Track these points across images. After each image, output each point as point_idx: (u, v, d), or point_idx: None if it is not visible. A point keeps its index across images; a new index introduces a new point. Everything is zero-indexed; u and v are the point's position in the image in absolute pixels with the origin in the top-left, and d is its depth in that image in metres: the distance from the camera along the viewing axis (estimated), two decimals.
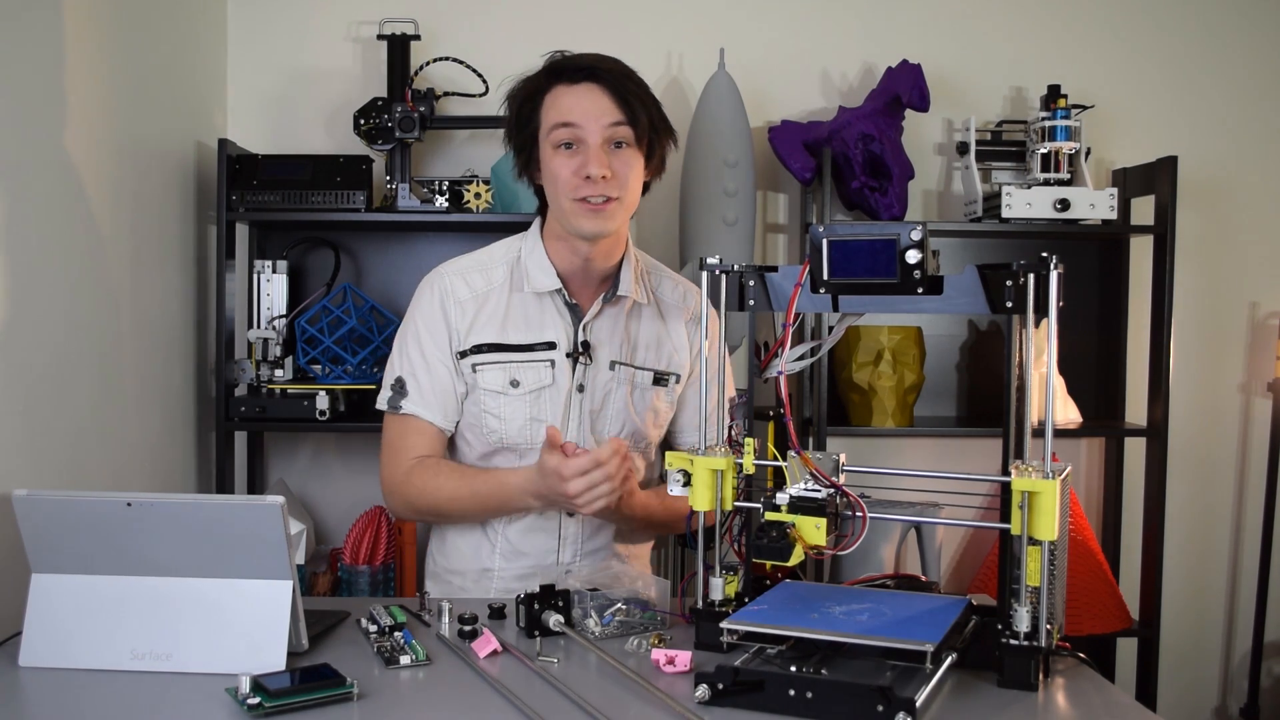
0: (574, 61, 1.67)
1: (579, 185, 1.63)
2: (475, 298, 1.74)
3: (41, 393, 1.77)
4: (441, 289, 1.75)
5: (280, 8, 2.73)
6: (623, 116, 1.64)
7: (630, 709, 1.17)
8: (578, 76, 1.65)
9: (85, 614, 1.31)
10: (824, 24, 2.80)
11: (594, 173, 1.62)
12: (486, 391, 1.72)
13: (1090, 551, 2.62)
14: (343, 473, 2.76)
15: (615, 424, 1.76)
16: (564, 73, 1.66)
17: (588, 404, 1.74)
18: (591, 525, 1.76)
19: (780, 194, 2.83)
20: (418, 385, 1.73)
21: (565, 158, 1.64)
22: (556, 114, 1.64)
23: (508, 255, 1.78)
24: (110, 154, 2.05)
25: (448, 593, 1.80)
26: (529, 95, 1.68)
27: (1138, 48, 2.84)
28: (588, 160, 1.62)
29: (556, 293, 1.74)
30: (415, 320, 1.76)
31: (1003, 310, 1.26)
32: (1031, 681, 1.22)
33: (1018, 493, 1.21)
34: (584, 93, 1.64)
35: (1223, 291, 2.87)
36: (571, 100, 1.64)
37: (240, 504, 1.32)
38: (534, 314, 1.74)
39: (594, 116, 1.63)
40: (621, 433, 1.76)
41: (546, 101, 1.66)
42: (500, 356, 1.72)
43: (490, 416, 1.73)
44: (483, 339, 1.72)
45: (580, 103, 1.64)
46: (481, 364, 1.72)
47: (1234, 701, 2.93)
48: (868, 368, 2.63)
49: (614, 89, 1.64)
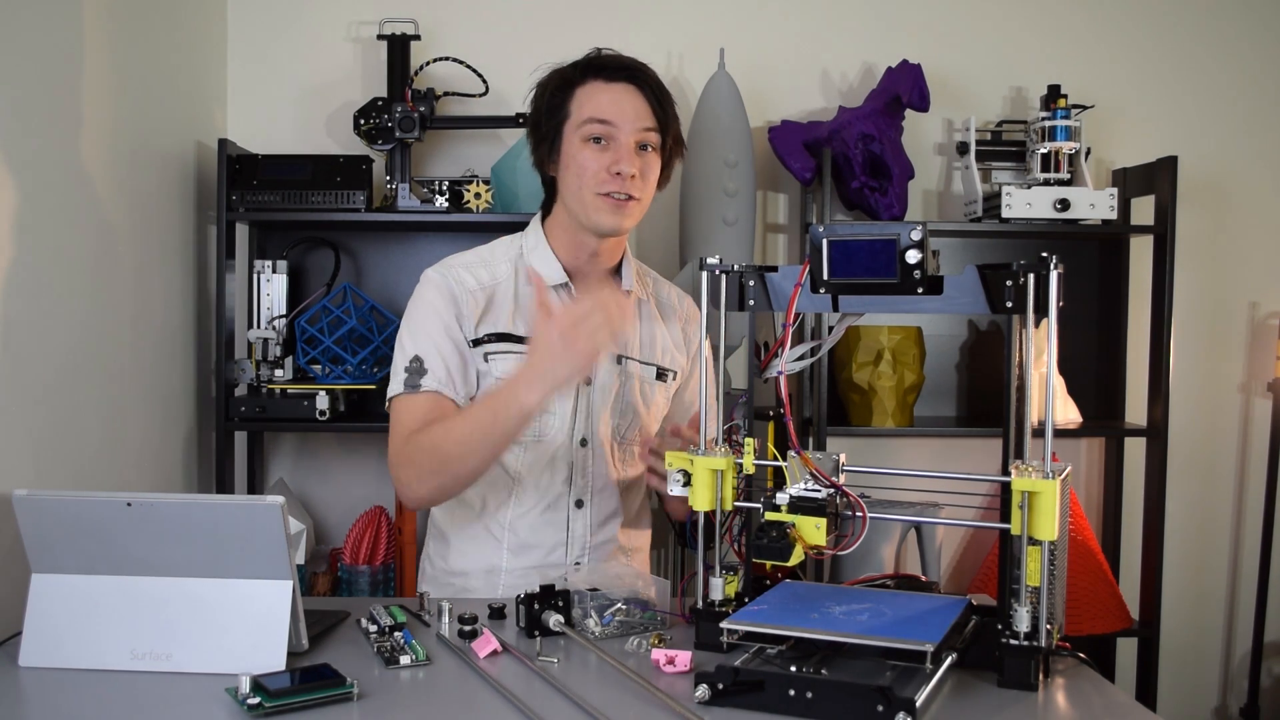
0: (614, 60, 1.70)
1: (607, 180, 1.65)
2: (483, 289, 1.73)
3: (41, 393, 1.77)
4: (449, 279, 1.72)
5: (280, 8, 2.73)
6: (655, 122, 1.68)
7: (630, 709, 1.17)
8: (617, 75, 1.68)
9: (85, 614, 1.31)
10: (824, 24, 2.80)
11: (625, 169, 1.64)
12: (499, 380, 1.69)
13: (1090, 551, 2.62)
14: (343, 473, 2.76)
15: (625, 417, 1.78)
16: (603, 69, 1.68)
17: (596, 397, 1.75)
18: (599, 517, 1.77)
19: (780, 194, 2.83)
20: (441, 360, 1.67)
21: (595, 151, 1.66)
22: (593, 108, 1.66)
23: (510, 252, 1.78)
24: (110, 154, 2.05)
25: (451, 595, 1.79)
26: (561, 85, 1.69)
27: (1138, 48, 2.84)
28: (620, 157, 1.65)
29: (563, 286, 1.74)
30: (426, 304, 1.71)
31: (1003, 310, 1.26)
32: (1031, 681, 1.22)
33: (1018, 493, 1.21)
34: (621, 92, 1.67)
35: (1223, 291, 2.87)
36: (609, 97, 1.66)
37: (240, 504, 1.32)
38: None
39: (630, 117, 1.66)
40: (629, 426, 1.78)
41: (580, 94, 1.68)
42: (512, 346, 1.71)
43: None
44: (494, 329, 1.72)
45: (619, 101, 1.66)
46: (494, 353, 1.71)
47: (1234, 701, 2.93)
48: (868, 368, 2.63)
49: (651, 93, 1.68)
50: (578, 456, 1.75)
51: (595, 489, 1.76)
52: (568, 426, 1.74)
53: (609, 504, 1.78)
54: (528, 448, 1.73)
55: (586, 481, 1.76)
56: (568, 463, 1.74)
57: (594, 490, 1.76)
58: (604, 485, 1.77)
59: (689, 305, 1.91)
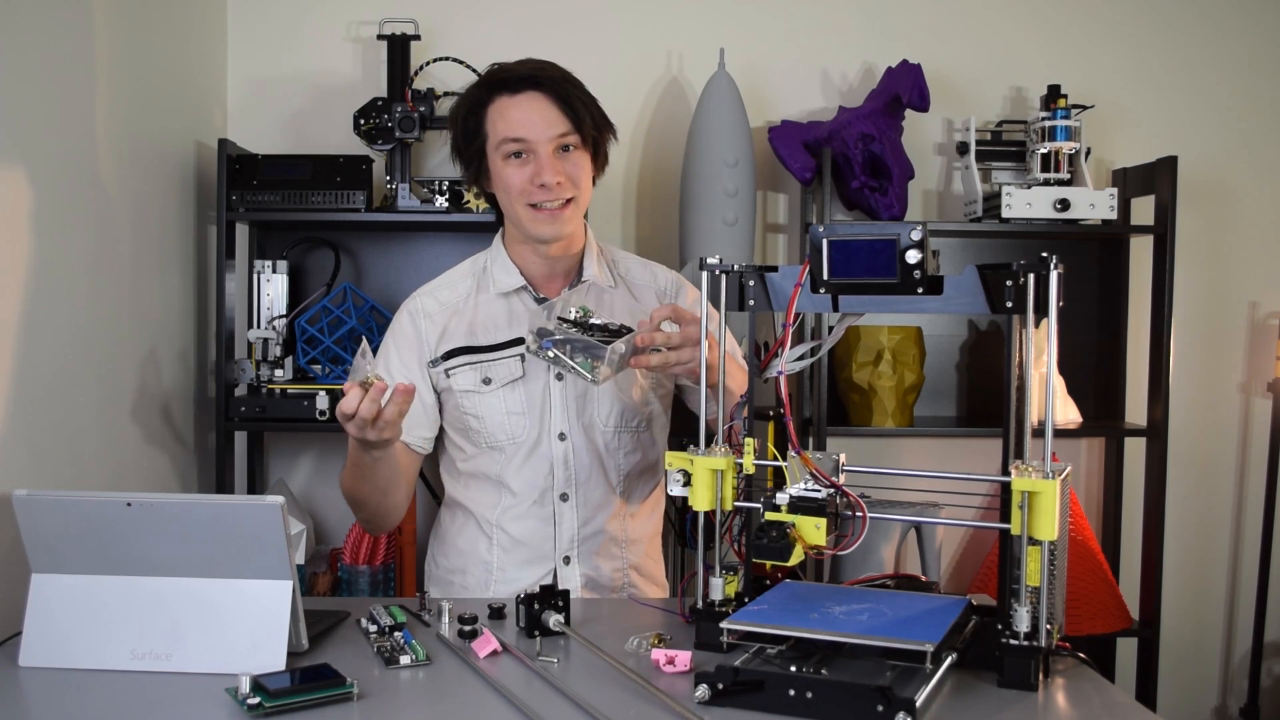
0: (513, 71, 1.70)
1: (532, 192, 1.68)
2: (444, 309, 1.81)
3: (41, 392, 1.77)
4: (412, 309, 1.83)
5: (280, 8, 2.73)
6: (569, 125, 1.68)
7: (630, 709, 1.17)
8: (519, 86, 1.68)
9: (85, 614, 1.31)
10: (824, 24, 2.80)
11: (548, 180, 1.66)
12: (462, 392, 1.77)
13: (1090, 551, 2.62)
14: None
15: (605, 405, 1.78)
16: (505, 84, 1.69)
17: (571, 390, 1.77)
18: (587, 511, 1.79)
19: (780, 194, 2.83)
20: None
21: (516, 167, 1.68)
22: (505, 126, 1.67)
23: (474, 268, 1.85)
24: (110, 154, 2.05)
25: (450, 594, 1.81)
26: (471, 109, 1.71)
27: (1138, 48, 2.84)
28: (540, 169, 1.66)
29: (523, 290, 1.79)
30: (387, 344, 1.83)
31: (1003, 310, 1.26)
32: (1031, 681, 1.22)
33: (1018, 493, 1.21)
34: (528, 103, 1.67)
35: (1223, 291, 2.87)
36: (518, 113, 1.67)
37: (240, 504, 1.32)
38: (501, 315, 1.79)
39: (541, 128, 1.67)
40: (610, 413, 1.78)
41: (491, 113, 1.69)
42: (471, 358, 1.77)
43: (469, 417, 1.77)
44: (453, 345, 1.78)
45: (527, 115, 1.67)
46: (454, 367, 1.78)
47: (1234, 701, 2.93)
48: (868, 368, 2.63)
49: (557, 96, 1.68)
50: (557, 451, 1.77)
51: (579, 481, 1.78)
52: (539, 423, 1.76)
53: (596, 496, 1.79)
54: (504, 449, 1.77)
55: (569, 474, 1.77)
56: (547, 458, 1.77)
57: (578, 483, 1.78)
58: (588, 477, 1.78)
59: (667, 278, 1.89)
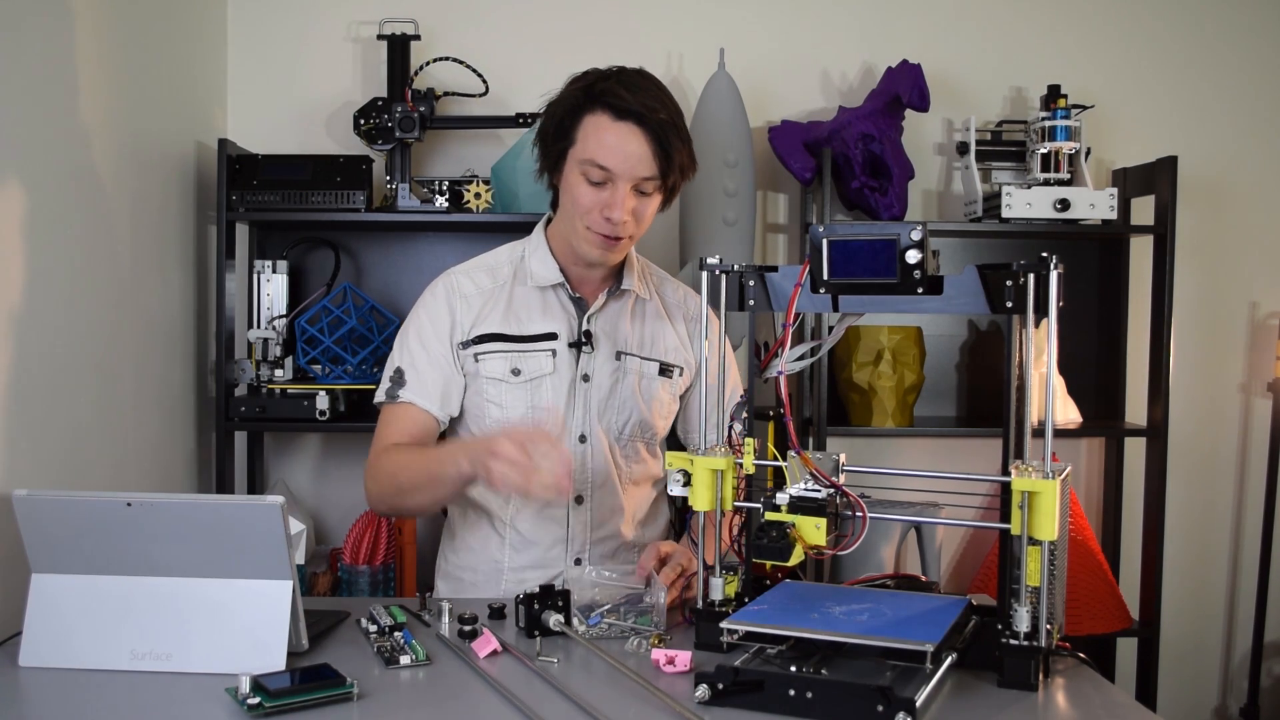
0: (623, 99, 1.61)
1: (598, 220, 1.65)
2: (480, 293, 1.79)
3: (42, 392, 1.77)
4: (448, 285, 1.80)
5: (280, 8, 2.73)
6: (656, 170, 1.63)
7: (630, 709, 1.17)
8: (624, 115, 1.61)
9: (85, 614, 1.31)
10: (824, 24, 2.80)
11: (616, 217, 1.63)
12: (489, 379, 1.75)
13: (1090, 551, 2.62)
14: (343, 473, 2.76)
15: (622, 413, 1.78)
16: (611, 106, 1.62)
17: (594, 393, 1.76)
18: (600, 513, 1.78)
19: (780, 194, 2.83)
20: (417, 374, 1.75)
21: (591, 189, 1.65)
22: (595, 147, 1.62)
23: (512, 256, 1.83)
24: (110, 154, 2.05)
25: (460, 590, 1.81)
26: (571, 109, 1.65)
27: (1138, 48, 2.83)
28: (614, 203, 1.63)
29: (560, 286, 1.77)
30: (419, 315, 1.79)
31: (1003, 310, 1.26)
32: (1031, 681, 1.22)
33: (1018, 493, 1.21)
34: (625, 133, 1.61)
35: (1223, 291, 2.87)
36: (613, 140, 1.61)
37: (240, 504, 1.32)
38: (537, 307, 1.77)
39: (630, 165, 1.62)
40: (628, 422, 1.78)
41: (586, 125, 1.64)
42: (502, 345, 1.75)
43: (492, 405, 1.75)
44: (486, 330, 1.76)
45: (621, 147, 1.61)
46: (484, 353, 1.75)
47: (1234, 701, 2.92)
48: (868, 368, 2.63)
49: (655, 139, 1.62)
50: (576, 453, 1.75)
51: (595, 485, 1.77)
52: (562, 423, 1.75)
53: (610, 500, 1.78)
54: None
55: (586, 478, 1.76)
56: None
57: (594, 486, 1.77)
58: (604, 481, 1.77)
59: (696, 305, 1.89)
